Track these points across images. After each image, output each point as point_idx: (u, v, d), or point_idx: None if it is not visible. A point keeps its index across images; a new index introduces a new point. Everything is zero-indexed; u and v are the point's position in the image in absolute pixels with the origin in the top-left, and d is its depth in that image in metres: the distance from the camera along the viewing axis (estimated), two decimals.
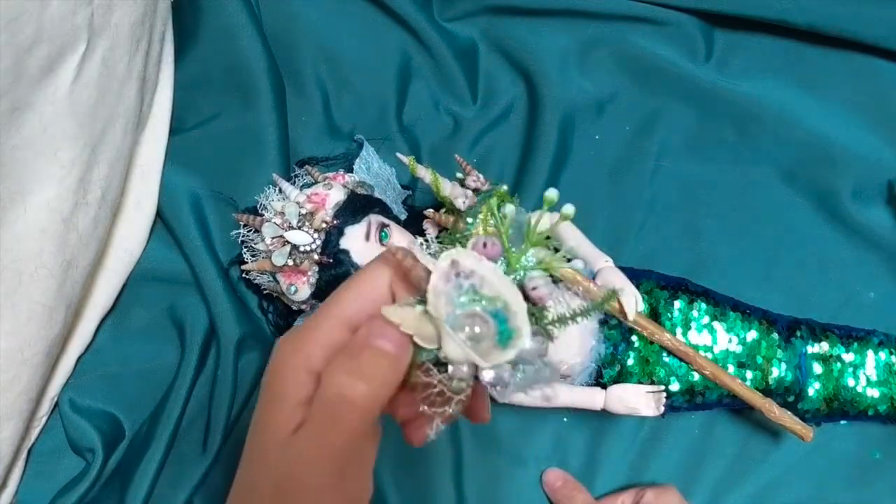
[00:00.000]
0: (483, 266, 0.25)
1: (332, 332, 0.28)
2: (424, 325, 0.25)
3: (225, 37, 0.57)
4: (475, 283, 0.25)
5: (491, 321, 0.24)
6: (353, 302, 0.28)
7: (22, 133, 0.41)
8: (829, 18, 0.56)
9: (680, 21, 0.60)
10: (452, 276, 0.25)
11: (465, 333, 0.24)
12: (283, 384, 0.28)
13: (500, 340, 0.24)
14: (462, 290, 0.25)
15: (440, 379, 0.25)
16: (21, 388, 0.46)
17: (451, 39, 0.61)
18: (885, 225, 0.58)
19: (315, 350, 0.27)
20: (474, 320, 0.24)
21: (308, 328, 0.28)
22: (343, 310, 0.28)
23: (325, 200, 0.48)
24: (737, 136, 0.60)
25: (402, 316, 0.25)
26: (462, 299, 0.25)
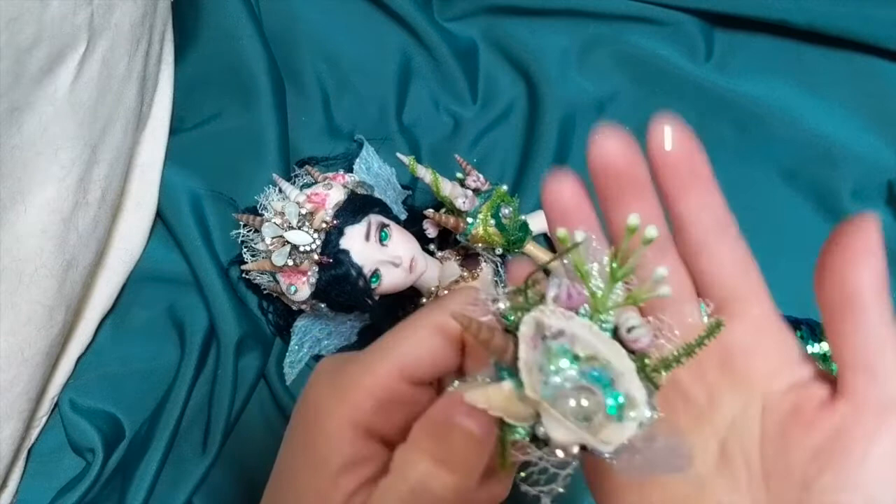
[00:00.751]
0: (573, 324, 0.21)
1: (389, 380, 0.23)
2: (515, 405, 0.21)
3: (225, 37, 0.57)
4: (566, 343, 0.21)
5: (598, 391, 0.20)
6: (410, 347, 0.23)
7: (22, 133, 0.41)
8: (829, 18, 0.56)
9: (680, 21, 0.60)
10: (539, 340, 0.21)
11: (569, 410, 0.20)
12: (326, 443, 0.23)
13: (611, 411, 0.20)
14: (552, 353, 0.21)
15: (541, 456, 0.21)
16: (21, 387, 0.46)
17: (451, 39, 0.61)
18: (885, 225, 0.57)
19: (366, 401, 0.23)
20: (579, 393, 0.20)
21: (355, 371, 0.23)
22: (402, 355, 0.23)
23: (325, 200, 0.48)
24: (737, 135, 0.60)
25: (489, 398, 0.21)
26: (555, 366, 0.20)
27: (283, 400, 0.55)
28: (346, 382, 0.23)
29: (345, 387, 0.23)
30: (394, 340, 0.24)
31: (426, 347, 0.23)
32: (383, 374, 0.23)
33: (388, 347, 0.24)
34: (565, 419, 0.20)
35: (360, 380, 0.23)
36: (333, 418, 0.23)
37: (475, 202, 0.48)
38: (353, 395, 0.23)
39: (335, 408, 0.23)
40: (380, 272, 0.48)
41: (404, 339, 0.24)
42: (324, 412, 0.23)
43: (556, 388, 0.20)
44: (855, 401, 0.22)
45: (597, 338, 0.21)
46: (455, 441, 0.21)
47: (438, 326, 0.24)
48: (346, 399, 0.23)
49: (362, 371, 0.23)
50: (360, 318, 0.55)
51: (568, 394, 0.20)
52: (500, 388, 0.21)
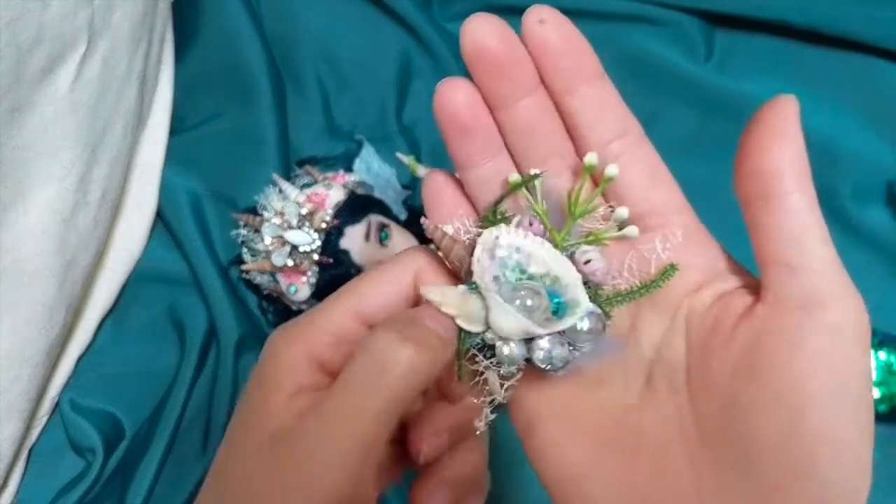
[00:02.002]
0: (529, 242, 0.22)
1: (343, 320, 0.24)
2: (468, 305, 0.23)
3: (225, 37, 0.57)
4: (521, 260, 0.22)
5: (543, 293, 0.22)
6: (369, 295, 0.24)
7: (22, 133, 0.41)
8: (829, 18, 0.56)
9: (680, 21, 0.60)
10: (497, 253, 0.22)
11: (516, 306, 0.22)
12: (278, 370, 0.23)
13: (554, 313, 0.22)
14: (508, 266, 0.22)
15: (487, 364, 0.23)
16: (21, 387, 0.46)
17: (451, 39, 0.61)
18: (885, 225, 0.57)
19: (320, 336, 0.24)
20: (526, 293, 0.22)
21: (313, 314, 0.24)
22: (358, 301, 0.24)
23: (325, 200, 0.48)
24: (737, 135, 0.60)
25: (444, 295, 0.23)
26: (509, 275, 0.22)
27: None
28: (304, 322, 0.24)
29: (300, 325, 0.24)
30: (351, 285, 0.25)
31: (381, 291, 0.24)
32: (338, 313, 0.24)
33: (343, 291, 0.25)
34: (511, 307, 0.22)
35: (316, 320, 0.24)
36: (289, 351, 0.23)
37: None
38: (308, 331, 0.24)
39: (290, 343, 0.23)
40: None
41: (360, 285, 0.25)
42: (282, 347, 0.24)
43: (506, 290, 0.22)
44: (775, 300, 0.20)
45: (549, 254, 0.23)
46: (417, 327, 0.22)
47: (394, 271, 0.25)
48: (301, 335, 0.24)
49: (319, 313, 0.24)
50: None
51: (515, 294, 0.22)
52: (455, 289, 0.23)
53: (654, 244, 0.23)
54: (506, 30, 0.22)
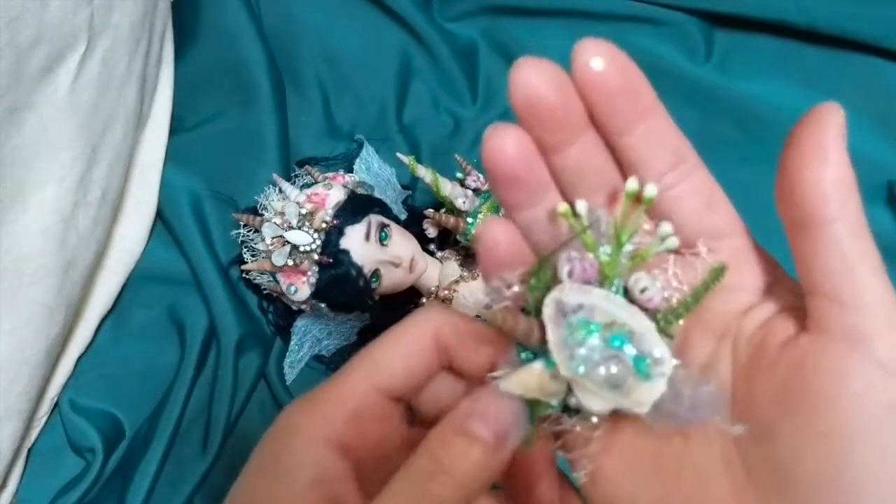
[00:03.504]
0: (591, 296, 0.21)
1: (360, 395, 0.22)
2: (547, 383, 0.21)
3: (225, 37, 0.57)
4: (585, 315, 0.21)
5: (625, 357, 0.21)
6: (385, 363, 0.22)
7: (22, 133, 0.41)
8: (829, 18, 0.56)
9: (680, 21, 0.60)
10: (561, 318, 0.21)
11: (601, 379, 0.20)
12: (293, 457, 0.21)
13: (639, 371, 0.21)
14: (574, 327, 0.21)
15: (573, 423, 0.22)
16: (21, 387, 0.46)
17: (451, 39, 0.62)
18: (885, 225, 0.58)
19: (338, 414, 0.22)
20: (608, 361, 0.21)
21: (328, 387, 0.22)
22: (373, 371, 0.22)
23: (325, 200, 0.48)
24: (737, 135, 0.60)
25: (524, 383, 0.21)
26: (578, 336, 0.21)
27: (283, 400, 0.55)
28: (321, 398, 0.22)
29: (316, 402, 0.22)
30: (367, 355, 0.23)
31: (401, 360, 0.23)
32: (356, 388, 0.22)
33: (361, 361, 0.23)
34: (599, 390, 0.21)
35: (334, 395, 0.22)
36: (304, 432, 0.21)
37: (475, 202, 0.48)
38: (324, 408, 0.22)
39: (305, 422, 0.21)
40: (380, 272, 0.48)
41: (378, 354, 0.23)
42: (293, 427, 0.22)
43: (585, 361, 0.21)
44: (820, 331, 0.19)
45: (614, 304, 0.22)
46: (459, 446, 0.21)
47: (411, 334, 0.23)
48: (317, 413, 0.22)
49: (334, 386, 0.22)
50: (360, 318, 0.55)
51: (597, 364, 0.21)
52: (531, 371, 0.21)
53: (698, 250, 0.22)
54: (560, 76, 0.20)
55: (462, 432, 0.21)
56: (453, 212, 0.49)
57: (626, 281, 0.22)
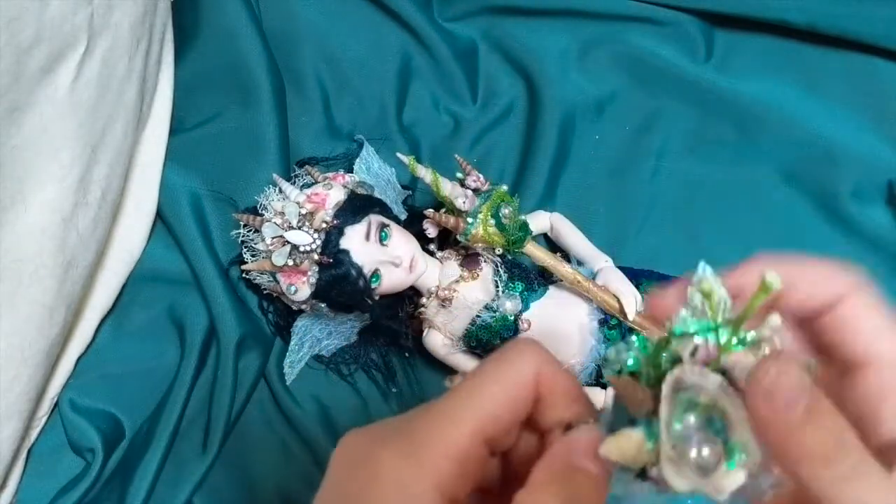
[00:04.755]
0: (706, 380, 0.22)
1: (468, 443, 0.21)
2: (642, 454, 0.22)
3: (225, 37, 0.57)
4: (692, 395, 0.22)
5: (716, 440, 0.21)
6: (491, 403, 0.22)
7: (22, 133, 0.41)
8: (829, 18, 0.56)
9: (680, 21, 0.60)
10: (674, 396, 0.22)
11: (691, 459, 0.21)
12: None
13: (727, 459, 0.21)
14: (679, 402, 0.22)
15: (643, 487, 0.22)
16: (21, 388, 0.46)
17: (451, 39, 0.61)
18: (885, 225, 0.58)
19: (447, 465, 0.21)
20: (702, 442, 0.21)
21: (430, 430, 0.21)
22: (480, 413, 0.21)
23: (325, 200, 0.48)
24: (737, 135, 0.60)
25: (622, 449, 0.22)
26: (678, 412, 0.22)
27: (283, 400, 0.55)
28: (426, 448, 0.21)
29: (424, 454, 0.21)
30: (473, 395, 0.22)
31: (507, 402, 0.22)
32: (465, 437, 0.21)
33: (467, 405, 0.22)
34: (686, 470, 0.21)
35: (442, 445, 0.21)
36: (420, 486, 0.20)
37: (475, 202, 0.48)
38: (435, 461, 0.21)
39: (419, 476, 0.21)
40: (380, 272, 0.48)
41: (484, 394, 0.22)
42: (407, 481, 0.20)
43: (680, 437, 0.21)
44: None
45: (720, 390, 0.22)
46: (578, 483, 0.21)
47: (513, 377, 0.22)
48: (429, 466, 0.21)
49: (442, 434, 0.21)
50: (360, 318, 0.55)
51: (692, 443, 0.21)
52: (630, 439, 0.22)
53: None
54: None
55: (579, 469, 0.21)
56: (453, 212, 0.49)
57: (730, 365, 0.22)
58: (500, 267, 0.51)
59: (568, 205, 0.58)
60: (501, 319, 0.50)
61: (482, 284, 0.51)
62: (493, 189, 0.49)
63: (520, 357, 0.23)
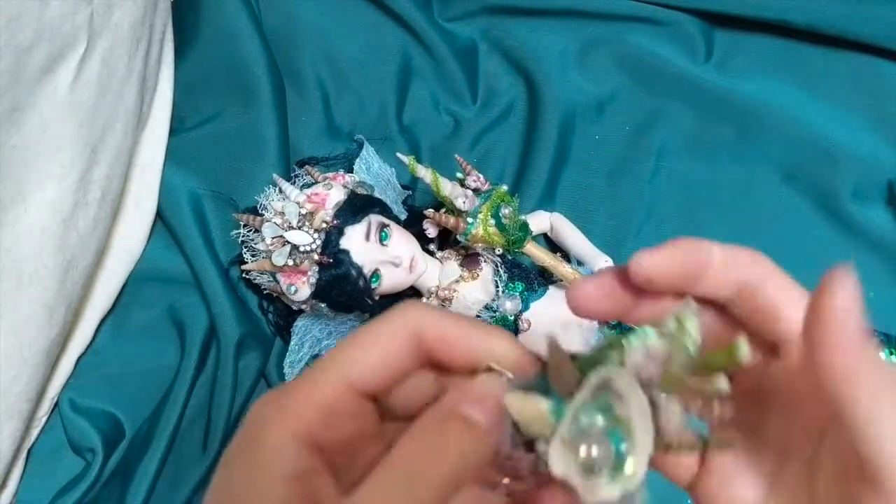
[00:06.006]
0: (634, 393, 0.22)
1: (333, 392, 0.22)
2: (538, 422, 0.22)
3: (225, 37, 0.57)
4: (614, 401, 0.22)
5: (611, 450, 0.21)
6: (359, 360, 0.22)
7: (22, 133, 0.41)
8: (829, 18, 0.56)
9: (680, 21, 0.60)
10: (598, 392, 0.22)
11: (582, 452, 0.21)
12: (268, 455, 0.21)
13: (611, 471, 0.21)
14: (595, 397, 0.22)
15: (530, 459, 0.22)
16: (21, 388, 0.46)
17: (451, 39, 0.61)
18: (885, 225, 0.58)
19: (308, 412, 0.21)
20: (597, 443, 0.21)
21: (300, 384, 0.22)
22: (347, 368, 0.22)
23: (325, 200, 0.48)
24: (737, 136, 0.60)
25: (523, 409, 0.22)
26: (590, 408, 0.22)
27: None
28: (291, 396, 0.22)
29: (289, 400, 0.22)
30: (340, 352, 0.23)
31: (376, 356, 0.22)
32: (329, 385, 0.22)
33: (334, 359, 0.23)
34: (570, 459, 0.21)
35: (305, 392, 0.22)
36: (276, 430, 0.21)
37: (475, 202, 0.48)
38: (296, 407, 0.22)
39: (278, 420, 0.21)
40: (380, 272, 0.48)
41: (351, 350, 0.23)
42: (267, 424, 0.21)
43: (580, 430, 0.21)
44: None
45: (641, 412, 0.22)
46: (454, 429, 0.21)
47: (387, 330, 0.23)
48: (290, 411, 0.21)
49: (307, 384, 0.22)
50: (360, 318, 0.55)
51: (588, 439, 0.21)
52: (537, 405, 0.22)
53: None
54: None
55: (459, 416, 0.21)
56: (453, 212, 0.49)
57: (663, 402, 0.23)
58: (500, 267, 0.51)
59: (568, 205, 0.58)
60: (501, 319, 0.50)
61: (482, 284, 0.51)
62: (493, 189, 0.49)
63: (393, 315, 0.23)
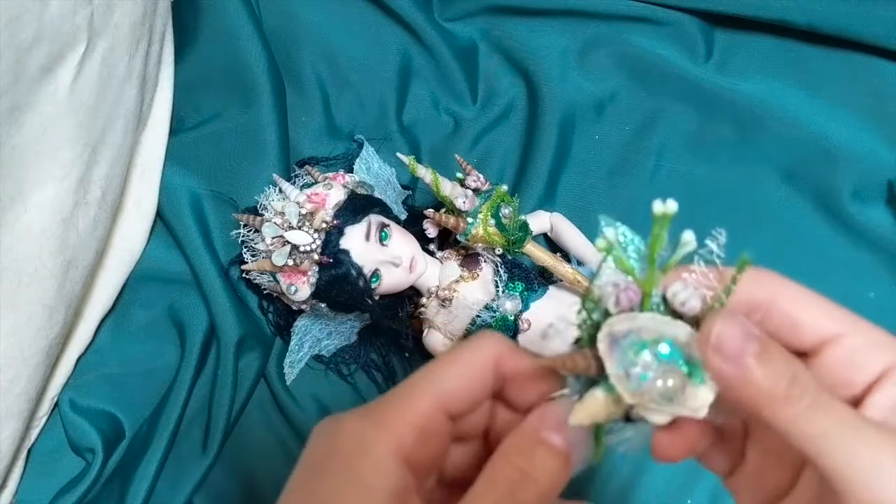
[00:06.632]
0: (637, 321, 0.23)
1: (427, 412, 0.23)
2: (610, 408, 0.23)
3: (225, 37, 0.57)
4: (634, 336, 0.23)
5: (673, 366, 0.22)
6: (450, 380, 0.24)
7: (22, 133, 0.41)
8: (829, 18, 0.56)
9: (680, 21, 0.60)
10: (615, 346, 0.23)
11: (658, 393, 0.22)
12: (373, 471, 0.22)
13: (692, 378, 0.23)
14: (626, 349, 0.23)
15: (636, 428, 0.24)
16: (21, 388, 0.46)
17: (451, 39, 0.61)
18: (885, 225, 0.58)
19: (406, 430, 0.23)
20: (664, 376, 0.22)
21: (394, 401, 0.23)
22: (439, 389, 0.24)
23: (325, 200, 0.48)
24: (737, 136, 0.60)
25: (590, 413, 0.23)
26: (630, 357, 0.23)
27: (283, 400, 0.55)
28: (388, 413, 0.23)
29: (385, 419, 0.23)
30: (432, 373, 0.24)
31: (465, 381, 0.24)
32: (423, 404, 0.23)
33: (427, 380, 0.24)
34: (659, 405, 0.22)
35: (402, 410, 0.23)
36: (379, 447, 0.22)
37: (475, 202, 0.48)
38: (395, 426, 0.23)
39: (379, 438, 0.22)
40: (380, 272, 0.48)
41: (443, 372, 0.24)
42: (368, 441, 0.22)
43: (641, 379, 0.22)
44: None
45: (660, 322, 0.23)
46: (539, 454, 0.23)
47: (473, 356, 0.24)
48: (389, 430, 0.23)
49: (403, 402, 0.23)
50: (360, 318, 0.55)
51: (654, 379, 0.22)
52: (595, 400, 0.23)
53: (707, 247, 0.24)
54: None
55: (541, 442, 0.23)
56: (453, 212, 0.49)
57: (666, 296, 0.24)
58: (500, 267, 0.51)
59: (568, 205, 0.58)
60: (501, 319, 0.50)
61: (482, 284, 0.51)
62: (493, 189, 0.49)
63: (477, 342, 0.25)
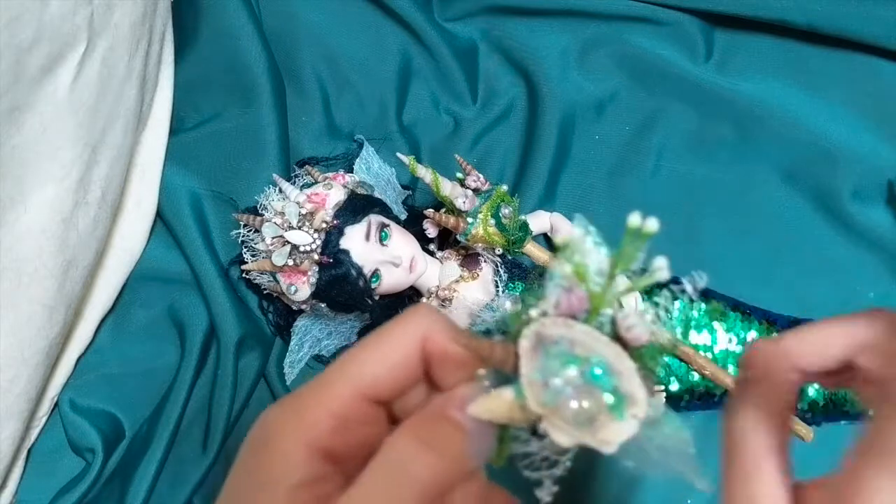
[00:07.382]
0: (573, 331, 0.21)
1: (345, 398, 0.22)
2: (517, 412, 0.21)
3: (225, 37, 0.57)
4: (565, 346, 0.21)
5: (597, 391, 0.20)
6: (371, 366, 0.23)
7: (22, 133, 0.41)
8: (829, 18, 0.56)
9: (680, 21, 0.60)
10: (540, 349, 0.21)
11: (570, 413, 0.20)
12: (280, 462, 0.21)
13: (613, 410, 0.20)
14: (552, 356, 0.21)
15: (542, 446, 0.22)
16: (21, 388, 0.46)
17: (451, 39, 0.61)
18: (885, 225, 0.58)
19: (321, 418, 0.22)
20: (580, 395, 0.20)
21: (312, 390, 0.23)
22: (359, 374, 0.22)
23: (325, 200, 0.48)
24: (737, 136, 0.60)
25: (491, 409, 0.21)
26: (554, 366, 0.21)
27: None
28: (303, 403, 0.22)
29: (301, 407, 0.22)
30: (352, 359, 0.23)
31: (388, 365, 0.23)
32: (341, 394, 0.22)
33: (346, 366, 0.23)
34: (567, 425, 0.20)
35: (317, 399, 0.22)
36: (288, 437, 0.21)
37: (475, 202, 0.48)
38: (309, 414, 0.22)
39: (290, 427, 0.22)
40: (380, 272, 0.48)
41: (364, 358, 0.23)
42: (278, 432, 0.22)
43: (558, 393, 0.20)
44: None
45: (596, 340, 0.21)
46: (443, 428, 0.22)
47: (396, 337, 0.23)
48: (302, 419, 0.22)
49: (319, 391, 0.22)
50: (360, 318, 0.55)
51: (569, 398, 0.20)
52: (501, 398, 0.21)
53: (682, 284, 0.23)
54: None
55: (447, 418, 0.22)
56: (453, 212, 0.49)
57: (616, 316, 0.22)
58: (500, 267, 0.51)
59: (568, 205, 0.58)
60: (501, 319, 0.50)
61: (482, 284, 0.51)
62: (493, 189, 0.49)
63: (404, 322, 0.23)
